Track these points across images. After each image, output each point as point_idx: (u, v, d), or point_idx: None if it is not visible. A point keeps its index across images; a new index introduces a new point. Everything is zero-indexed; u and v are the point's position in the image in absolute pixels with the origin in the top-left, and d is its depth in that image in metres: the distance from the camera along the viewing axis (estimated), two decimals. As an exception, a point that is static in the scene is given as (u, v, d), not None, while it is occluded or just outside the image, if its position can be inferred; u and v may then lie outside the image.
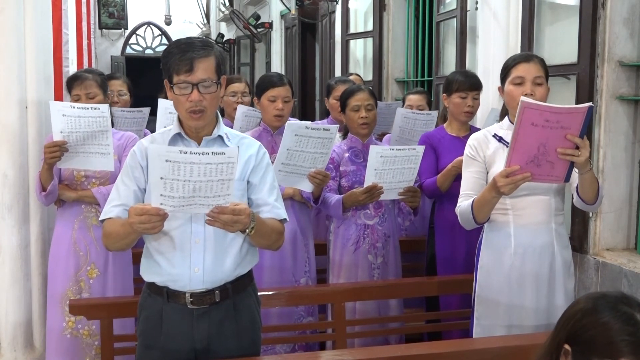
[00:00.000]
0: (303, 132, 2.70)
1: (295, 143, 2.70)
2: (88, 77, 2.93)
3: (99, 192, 2.86)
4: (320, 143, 2.75)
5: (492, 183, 2.10)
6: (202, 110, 1.88)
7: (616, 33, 2.86)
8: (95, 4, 10.92)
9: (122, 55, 13.46)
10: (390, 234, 3.07)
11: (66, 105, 2.72)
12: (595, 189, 2.17)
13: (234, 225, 1.75)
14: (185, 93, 1.86)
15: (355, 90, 3.09)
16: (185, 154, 1.63)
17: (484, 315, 2.36)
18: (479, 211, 2.24)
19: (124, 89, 3.55)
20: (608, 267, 2.82)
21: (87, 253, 2.91)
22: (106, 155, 2.76)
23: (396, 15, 5.59)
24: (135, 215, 1.71)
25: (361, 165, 3.04)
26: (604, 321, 1.33)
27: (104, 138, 2.74)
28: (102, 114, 2.71)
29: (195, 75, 1.86)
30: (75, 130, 2.71)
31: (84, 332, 2.91)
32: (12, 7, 3.06)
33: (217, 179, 1.67)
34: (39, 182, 2.81)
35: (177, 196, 1.67)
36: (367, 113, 3.02)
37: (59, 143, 2.70)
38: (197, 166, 1.64)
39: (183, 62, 1.85)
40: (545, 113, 1.90)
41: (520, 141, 1.94)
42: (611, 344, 1.30)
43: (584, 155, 1.98)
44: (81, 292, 2.90)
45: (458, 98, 3.05)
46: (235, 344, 1.97)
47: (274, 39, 9.30)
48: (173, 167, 1.63)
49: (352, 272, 3.02)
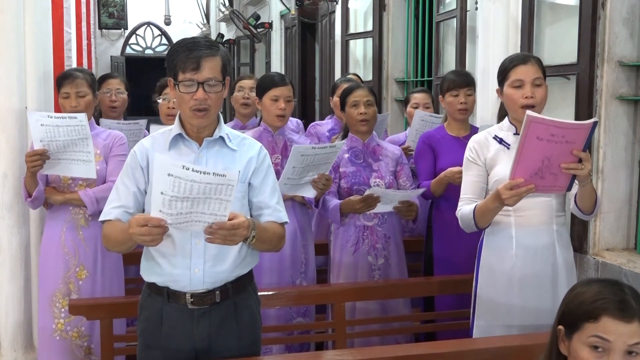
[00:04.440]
0: (310, 152, 2.70)
1: (301, 162, 2.70)
2: (79, 75, 2.93)
3: (85, 195, 2.85)
4: (325, 157, 2.77)
5: (496, 194, 2.11)
6: (206, 109, 1.88)
7: (616, 33, 2.86)
8: (95, 4, 10.92)
9: (122, 56, 13.46)
10: (391, 235, 3.05)
11: (44, 115, 2.74)
12: (593, 200, 2.22)
13: (233, 239, 1.75)
14: (191, 91, 1.86)
15: (354, 87, 3.10)
16: (188, 170, 1.63)
17: (484, 315, 2.36)
18: (481, 218, 2.26)
19: (122, 88, 3.54)
20: (608, 267, 2.82)
21: (76, 254, 2.90)
22: (87, 162, 2.77)
23: (396, 15, 5.59)
24: (137, 226, 1.70)
25: (361, 167, 3.04)
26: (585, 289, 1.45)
27: (85, 145, 2.75)
28: (80, 122, 2.71)
29: (202, 74, 1.86)
30: (54, 138, 2.72)
31: (73, 333, 2.90)
32: (12, 7, 3.06)
33: (215, 197, 1.68)
34: (25, 189, 2.83)
35: (175, 213, 1.68)
36: (366, 109, 3.01)
37: (39, 152, 2.72)
38: (198, 184, 1.65)
39: (190, 60, 1.85)
40: (551, 128, 1.93)
41: (525, 154, 1.96)
42: (593, 304, 1.40)
43: (586, 169, 2.02)
44: (70, 293, 2.89)
45: (450, 97, 3.08)
46: (236, 343, 1.97)
47: (274, 39, 9.29)
48: (174, 182, 1.63)
49: (352, 273, 3.02)
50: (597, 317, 1.39)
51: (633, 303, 1.40)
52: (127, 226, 1.76)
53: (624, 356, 1.39)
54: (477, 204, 2.27)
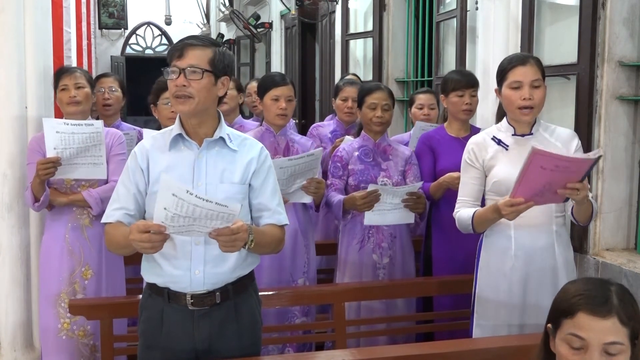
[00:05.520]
0: (287, 164, 2.74)
1: (282, 174, 2.72)
2: (77, 70, 3.03)
3: (89, 196, 2.85)
4: (307, 166, 2.81)
5: (495, 208, 2.14)
6: (188, 96, 1.88)
7: (616, 33, 2.86)
8: (95, 4, 10.91)
9: (122, 55, 13.45)
10: (397, 234, 3.05)
11: (60, 122, 2.73)
12: (589, 214, 2.24)
13: (234, 244, 1.75)
14: (173, 77, 1.88)
15: (374, 88, 3.09)
16: (191, 195, 1.64)
17: (484, 315, 2.36)
18: (479, 225, 2.30)
19: (116, 86, 3.52)
20: (608, 267, 2.82)
21: (81, 254, 2.90)
22: (99, 165, 2.78)
23: (396, 15, 5.59)
24: (137, 233, 1.70)
25: (370, 165, 3.05)
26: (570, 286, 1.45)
27: (97, 150, 2.75)
28: (97, 129, 2.72)
29: (185, 60, 1.88)
30: (69, 146, 2.71)
31: (79, 332, 2.91)
32: (12, 6, 3.06)
33: (217, 221, 1.70)
34: (31, 194, 2.80)
35: (177, 225, 1.70)
36: (383, 113, 3.02)
37: (53, 160, 2.70)
38: (200, 209, 1.66)
39: (176, 48, 1.89)
40: (555, 160, 1.95)
41: (527, 180, 2.00)
42: (569, 301, 1.40)
43: (582, 195, 2.06)
44: (76, 293, 2.90)
45: (455, 97, 3.05)
46: (237, 344, 1.97)
47: (274, 39, 9.28)
48: (177, 202, 1.64)
49: (357, 271, 3.02)
50: (573, 313, 1.37)
51: (615, 300, 1.35)
52: (128, 231, 1.77)
53: (602, 354, 1.34)
54: (476, 210, 2.29)
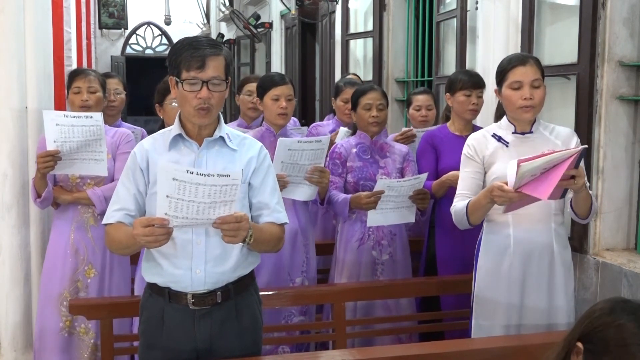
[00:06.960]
0: (296, 147, 2.75)
1: (288, 157, 2.74)
2: (91, 72, 3.02)
3: (94, 194, 2.85)
4: (313, 155, 2.81)
5: (489, 189, 2.12)
6: (209, 108, 1.88)
7: (616, 33, 2.86)
8: (95, 4, 10.91)
9: (122, 55, 13.46)
10: (397, 232, 3.07)
11: (59, 114, 2.72)
12: (588, 205, 2.23)
13: (237, 234, 1.75)
14: (195, 89, 1.87)
15: (368, 89, 3.10)
16: (192, 174, 1.65)
17: (483, 315, 2.36)
18: (473, 213, 2.29)
19: (120, 88, 3.53)
20: (608, 267, 2.82)
21: (85, 253, 2.91)
22: (100, 161, 2.77)
23: (396, 15, 5.58)
24: (140, 227, 1.71)
25: (368, 162, 3.06)
26: (620, 323, 1.33)
27: (98, 145, 2.74)
28: (96, 122, 2.70)
29: (207, 73, 1.86)
30: (68, 139, 2.70)
31: (81, 329, 2.92)
32: (12, 6, 3.06)
33: (220, 201, 1.70)
34: (34, 189, 2.82)
35: (181, 216, 1.69)
36: (378, 112, 3.03)
37: (52, 153, 2.69)
38: (202, 187, 1.66)
39: (195, 58, 1.86)
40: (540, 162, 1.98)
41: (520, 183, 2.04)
42: (624, 347, 1.31)
43: (579, 183, 2.06)
44: (78, 292, 2.90)
45: (462, 96, 3.04)
46: (237, 343, 1.97)
47: (274, 39, 9.28)
48: (179, 186, 1.65)
49: (355, 270, 3.02)
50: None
51: None
52: (131, 230, 1.77)
53: None
54: (470, 199, 2.29)
